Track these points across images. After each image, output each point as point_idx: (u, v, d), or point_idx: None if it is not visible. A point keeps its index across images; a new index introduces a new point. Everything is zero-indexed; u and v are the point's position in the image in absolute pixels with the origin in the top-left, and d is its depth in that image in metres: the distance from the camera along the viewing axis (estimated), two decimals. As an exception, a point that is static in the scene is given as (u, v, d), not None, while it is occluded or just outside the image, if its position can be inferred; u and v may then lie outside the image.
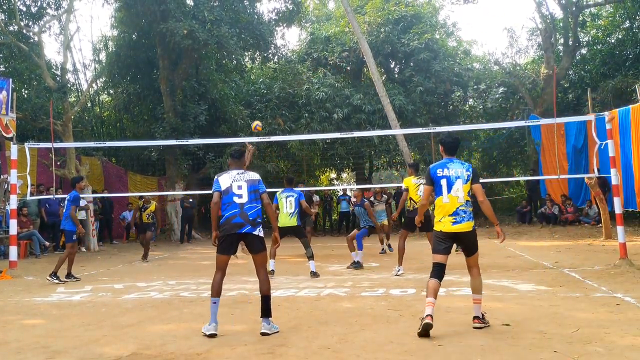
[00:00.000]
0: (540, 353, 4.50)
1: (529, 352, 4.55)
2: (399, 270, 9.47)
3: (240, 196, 5.63)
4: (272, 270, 9.60)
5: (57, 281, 9.69)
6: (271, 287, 8.31)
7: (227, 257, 5.69)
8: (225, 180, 5.74)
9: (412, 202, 9.54)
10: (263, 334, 5.43)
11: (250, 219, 5.59)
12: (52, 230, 16.06)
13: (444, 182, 5.60)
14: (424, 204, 6.10)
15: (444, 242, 5.61)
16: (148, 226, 14.10)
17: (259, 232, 5.66)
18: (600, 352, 4.48)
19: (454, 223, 5.54)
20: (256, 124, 11.30)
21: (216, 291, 5.61)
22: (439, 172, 5.66)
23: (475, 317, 5.47)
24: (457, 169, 5.65)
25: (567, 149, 19.21)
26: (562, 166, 18.26)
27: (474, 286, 5.69)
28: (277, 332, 5.50)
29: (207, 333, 5.40)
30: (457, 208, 5.54)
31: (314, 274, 9.58)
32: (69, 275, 10.15)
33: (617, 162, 10.13)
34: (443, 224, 5.58)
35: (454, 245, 5.75)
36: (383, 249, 13.68)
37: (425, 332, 5.08)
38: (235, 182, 5.70)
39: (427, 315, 5.15)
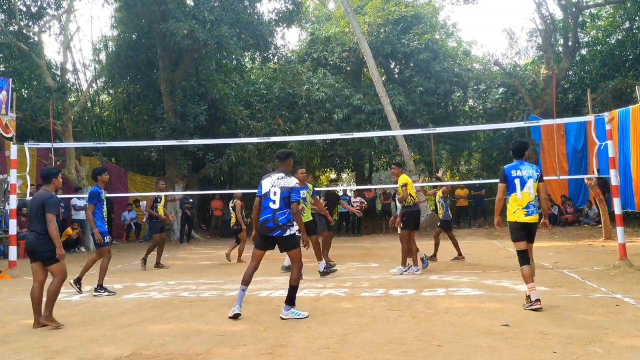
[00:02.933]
0: (539, 353, 4.50)
1: (529, 352, 4.55)
2: (417, 270, 9.57)
3: (274, 202, 6.28)
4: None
5: (106, 293, 8.28)
6: (270, 287, 8.35)
7: (262, 251, 6.42)
8: (266, 185, 6.43)
9: (411, 197, 9.55)
10: (281, 317, 6.11)
11: (280, 224, 6.23)
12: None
13: (517, 181, 6.57)
14: (500, 197, 6.85)
15: (520, 231, 6.50)
16: (158, 223, 12.25)
17: (289, 232, 6.26)
18: (600, 352, 4.48)
19: (527, 214, 6.48)
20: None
21: (246, 280, 6.32)
22: (513, 173, 6.64)
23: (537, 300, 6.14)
24: (528, 170, 6.64)
25: (566, 149, 19.21)
26: (561, 167, 18.26)
27: (533, 270, 6.53)
28: (299, 317, 6.12)
29: (230, 314, 6.12)
30: (529, 202, 6.50)
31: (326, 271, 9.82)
32: (100, 287, 8.46)
33: (616, 163, 10.12)
34: (517, 215, 6.52)
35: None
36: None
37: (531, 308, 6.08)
38: (273, 187, 6.35)
39: (536, 300, 6.09)
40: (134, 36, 22.81)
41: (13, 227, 10.96)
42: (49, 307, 6.09)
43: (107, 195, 18.34)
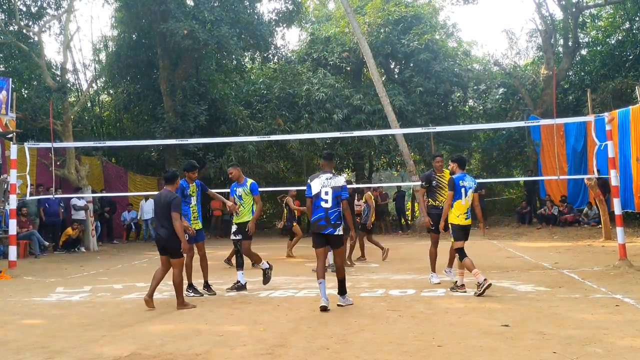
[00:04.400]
0: (539, 354, 4.50)
1: (529, 352, 4.54)
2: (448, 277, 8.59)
3: (326, 201, 6.73)
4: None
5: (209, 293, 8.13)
6: (270, 288, 8.34)
7: (323, 248, 6.90)
8: (316, 185, 6.84)
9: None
10: (339, 305, 6.76)
11: (332, 222, 6.71)
12: (52, 230, 16.07)
13: (462, 190, 7.55)
14: (450, 203, 7.64)
15: (462, 232, 7.61)
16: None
17: (339, 231, 6.75)
18: (600, 353, 4.48)
19: (467, 218, 7.64)
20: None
21: (321, 275, 6.74)
22: (460, 183, 7.58)
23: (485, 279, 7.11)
24: (469, 182, 7.69)
25: (566, 150, 19.21)
26: (561, 167, 18.25)
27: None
28: (351, 304, 6.85)
29: (320, 305, 6.50)
30: (467, 209, 7.62)
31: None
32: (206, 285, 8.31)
33: (616, 163, 10.12)
34: (460, 219, 7.58)
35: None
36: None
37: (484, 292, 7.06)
38: (323, 187, 6.79)
39: (485, 279, 7.06)
40: (134, 36, 22.82)
41: (13, 227, 10.95)
42: (179, 296, 7.05)
43: (107, 195, 18.48)
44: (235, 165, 8.82)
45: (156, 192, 11.46)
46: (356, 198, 11.78)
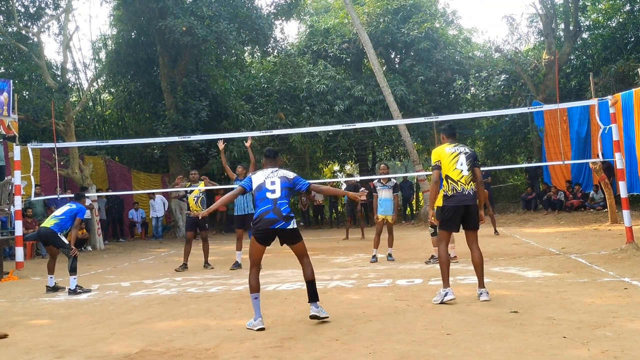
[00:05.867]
0: (549, 339, 4.48)
1: (538, 338, 4.53)
2: (446, 294, 6.18)
3: (273, 192, 5.67)
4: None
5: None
6: (277, 281, 8.33)
7: (263, 248, 5.73)
8: (258, 177, 5.84)
9: (450, 182, 6.31)
10: (312, 316, 5.55)
11: (284, 214, 5.59)
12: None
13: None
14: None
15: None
16: (202, 219, 10.30)
17: (293, 224, 5.65)
18: (610, 336, 4.46)
19: None
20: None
21: (255, 287, 5.62)
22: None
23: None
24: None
25: (570, 135, 19.12)
26: (565, 152, 18.18)
27: None
28: (327, 317, 5.60)
29: (257, 327, 5.41)
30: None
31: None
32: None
33: (621, 146, 10.07)
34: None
35: None
36: (375, 256, 10.57)
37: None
38: (268, 178, 5.77)
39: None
40: (133, 34, 22.78)
41: (19, 228, 10.97)
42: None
43: (113, 193, 18.50)
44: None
45: (161, 190, 11.48)
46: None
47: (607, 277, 7.12)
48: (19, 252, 10.98)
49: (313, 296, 5.64)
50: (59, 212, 8.87)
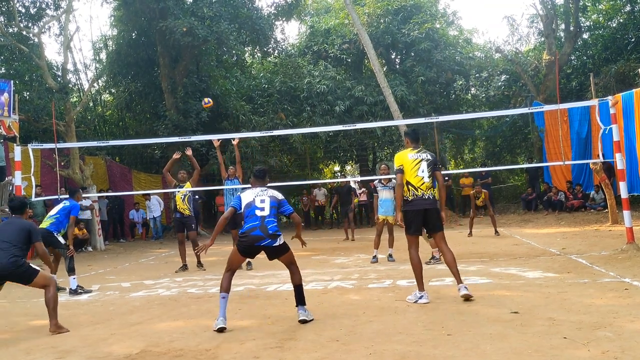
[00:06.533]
0: (549, 339, 4.48)
1: (539, 338, 4.53)
2: (421, 297, 6.34)
3: (262, 209, 5.76)
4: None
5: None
6: (278, 281, 8.33)
7: (243, 258, 6.09)
8: (247, 195, 5.93)
9: (411, 188, 6.45)
10: (301, 321, 5.60)
11: (270, 232, 5.68)
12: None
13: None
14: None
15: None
16: (188, 219, 11.00)
17: (280, 241, 5.74)
18: (610, 337, 4.46)
19: None
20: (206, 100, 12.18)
21: (226, 286, 5.80)
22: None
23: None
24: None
25: (570, 135, 19.13)
26: (565, 153, 18.18)
27: None
28: (312, 319, 5.68)
29: (217, 327, 5.45)
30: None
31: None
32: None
33: (621, 147, 10.06)
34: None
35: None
36: (375, 256, 10.52)
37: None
38: (257, 196, 5.87)
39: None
40: (133, 34, 22.79)
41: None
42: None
43: (115, 194, 18.52)
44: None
45: (162, 190, 11.50)
46: (358, 186, 11.84)
47: (607, 278, 7.12)
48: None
49: (301, 300, 5.78)
50: (54, 211, 8.81)
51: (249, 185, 6.26)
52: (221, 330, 5.41)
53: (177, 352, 4.79)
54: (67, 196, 9.36)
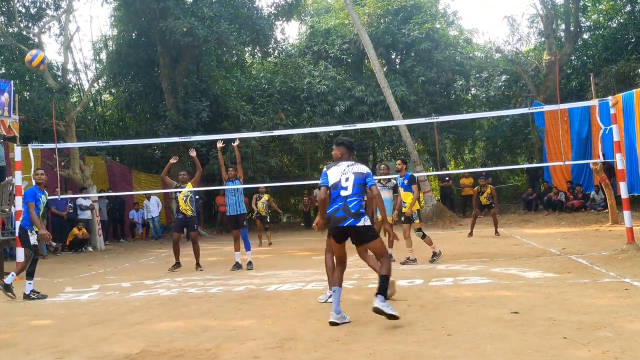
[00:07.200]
0: (550, 340, 4.48)
1: (539, 339, 4.53)
2: (330, 297, 6.40)
3: (345, 188, 5.57)
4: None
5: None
6: (278, 282, 8.33)
7: (341, 246, 5.73)
8: (334, 173, 5.73)
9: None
10: (375, 309, 5.27)
11: (352, 211, 5.48)
12: (60, 230, 16.09)
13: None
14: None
15: None
16: (191, 219, 11.24)
17: (364, 222, 5.50)
18: (610, 337, 4.46)
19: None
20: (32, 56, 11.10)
21: (337, 280, 5.71)
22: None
23: None
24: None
25: (570, 135, 19.13)
26: (565, 153, 18.19)
27: None
28: (394, 315, 5.24)
29: (330, 320, 5.43)
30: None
31: None
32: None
33: (621, 147, 10.06)
34: None
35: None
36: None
37: None
38: (343, 174, 5.67)
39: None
40: (133, 35, 22.80)
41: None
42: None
43: (115, 194, 18.52)
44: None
45: (162, 190, 11.50)
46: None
47: (607, 278, 7.11)
48: (20, 252, 10.96)
49: (381, 289, 5.37)
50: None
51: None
52: (333, 324, 5.36)
53: (177, 352, 4.78)
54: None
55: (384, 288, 5.39)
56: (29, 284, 8.19)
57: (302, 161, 24.80)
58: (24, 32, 18.75)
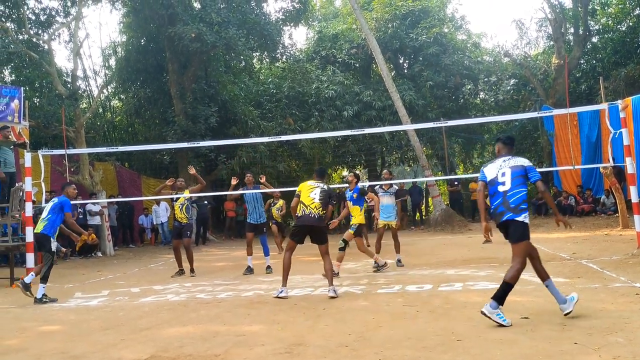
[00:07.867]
0: (560, 345, 4.45)
1: (549, 344, 4.50)
2: (281, 292, 7.51)
3: (503, 184, 5.52)
4: None
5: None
6: (289, 286, 8.31)
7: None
8: (491, 170, 5.70)
9: (302, 206, 7.74)
10: (481, 312, 5.28)
11: (512, 206, 5.41)
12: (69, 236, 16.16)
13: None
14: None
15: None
16: (185, 227, 11.08)
17: (523, 218, 5.41)
18: (621, 342, 4.42)
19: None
20: None
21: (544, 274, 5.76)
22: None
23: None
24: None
25: (580, 139, 19.03)
26: (575, 157, 18.10)
27: None
28: (504, 324, 5.17)
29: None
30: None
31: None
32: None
33: (631, 151, 10.00)
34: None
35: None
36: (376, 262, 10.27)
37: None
38: (500, 169, 5.62)
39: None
40: (142, 41, 22.93)
41: (30, 234, 11.01)
42: None
43: (125, 199, 18.60)
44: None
45: (170, 195, 11.55)
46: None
47: (618, 283, 7.06)
48: (30, 258, 11.02)
49: (498, 297, 5.35)
50: (45, 213, 8.61)
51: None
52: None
53: (186, 357, 4.79)
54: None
55: (502, 295, 5.38)
56: (43, 287, 8.28)
57: (311, 166, 24.77)
58: (34, 39, 18.90)
